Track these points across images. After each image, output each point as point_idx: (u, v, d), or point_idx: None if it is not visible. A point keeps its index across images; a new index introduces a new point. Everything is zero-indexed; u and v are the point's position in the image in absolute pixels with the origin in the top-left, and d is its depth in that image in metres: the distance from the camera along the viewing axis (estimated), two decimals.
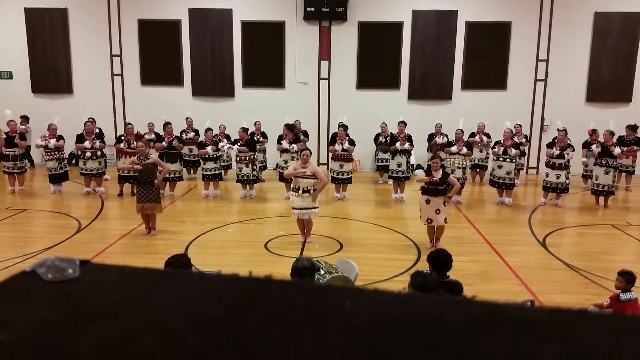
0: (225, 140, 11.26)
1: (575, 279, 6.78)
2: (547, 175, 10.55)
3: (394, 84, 14.35)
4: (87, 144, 10.91)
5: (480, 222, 9.39)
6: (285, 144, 11.19)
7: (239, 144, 10.83)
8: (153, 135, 11.64)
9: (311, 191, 7.56)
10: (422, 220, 7.78)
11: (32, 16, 14.51)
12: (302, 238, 7.88)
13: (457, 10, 13.89)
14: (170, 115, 12.11)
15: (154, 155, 8.50)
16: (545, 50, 14.04)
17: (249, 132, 11.50)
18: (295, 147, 11.10)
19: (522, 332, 0.56)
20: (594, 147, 11.00)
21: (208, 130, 11.35)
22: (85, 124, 11.22)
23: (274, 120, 12.96)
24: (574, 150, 10.59)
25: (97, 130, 11.61)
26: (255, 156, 11.05)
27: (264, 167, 12.80)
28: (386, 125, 12.25)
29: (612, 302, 4.93)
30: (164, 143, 11.07)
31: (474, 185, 12.61)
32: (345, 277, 5.02)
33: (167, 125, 11.32)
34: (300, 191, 7.55)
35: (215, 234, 8.41)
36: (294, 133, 11.59)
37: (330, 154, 11.22)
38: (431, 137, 12.17)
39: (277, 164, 12.70)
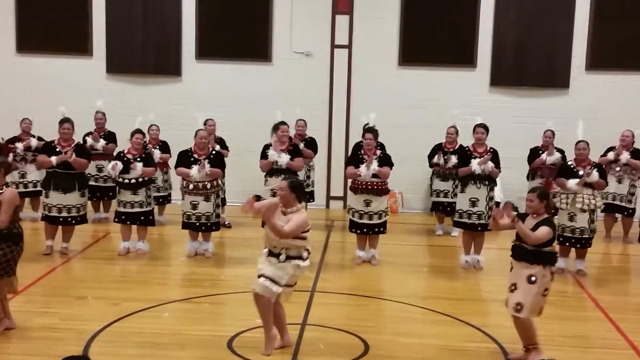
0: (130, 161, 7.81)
1: None
2: None
3: (467, 60, 10.86)
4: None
5: (619, 311, 6.72)
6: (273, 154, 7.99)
7: (201, 159, 7.80)
8: (34, 141, 8.92)
9: (298, 257, 4.93)
10: None
11: None
12: (279, 338, 5.15)
13: None
14: (69, 103, 9.00)
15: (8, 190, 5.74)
16: None
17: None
18: (282, 158, 8.06)
19: None
20: None
21: (135, 133, 8.16)
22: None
23: (250, 118, 10.09)
24: None
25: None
26: (221, 181, 8.15)
27: (223, 202, 8.91)
28: (455, 130, 9.12)
29: None
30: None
31: (612, 242, 9.22)
32: None
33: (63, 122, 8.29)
34: (267, 250, 5.00)
35: (140, 321, 6.09)
36: (290, 142, 8.37)
37: (349, 182, 7.92)
38: (535, 152, 9.10)
39: (256, 196, 8.38)
